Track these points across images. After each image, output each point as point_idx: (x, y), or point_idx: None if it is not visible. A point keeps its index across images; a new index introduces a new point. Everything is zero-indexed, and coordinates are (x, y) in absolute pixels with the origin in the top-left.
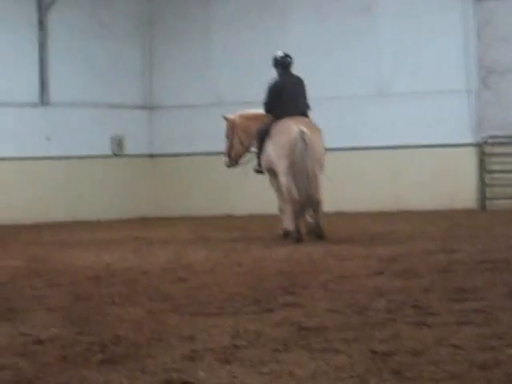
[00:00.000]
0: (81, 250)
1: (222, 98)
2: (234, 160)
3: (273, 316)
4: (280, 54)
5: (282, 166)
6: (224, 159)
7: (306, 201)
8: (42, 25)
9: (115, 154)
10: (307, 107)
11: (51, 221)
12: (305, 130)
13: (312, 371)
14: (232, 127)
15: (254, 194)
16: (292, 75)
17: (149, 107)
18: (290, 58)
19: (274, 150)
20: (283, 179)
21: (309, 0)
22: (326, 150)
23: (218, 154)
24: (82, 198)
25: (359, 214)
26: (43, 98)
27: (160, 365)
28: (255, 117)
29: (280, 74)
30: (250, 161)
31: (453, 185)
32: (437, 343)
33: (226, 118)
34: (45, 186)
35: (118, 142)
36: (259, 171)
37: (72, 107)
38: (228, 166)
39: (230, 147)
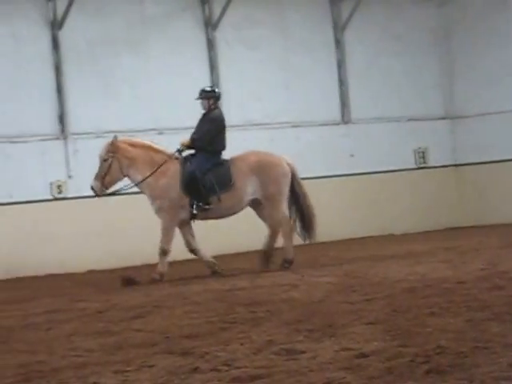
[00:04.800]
0: (393, 263)
1: None
2: (104, 186)
3: None
4: (209, 87)
5: (285, 196)
6: (93, 183)
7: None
8: (339, 44)
9: (419, 167)
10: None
11: (357, 236)
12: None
13: None
14: (113, 151)
15: None
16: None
17: (451, 117)
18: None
19: (274, 182)
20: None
21: None
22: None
23: None
24: (387, 212)
25: None
26: (344, 116)
27: (487, 373)
28: (142, 146)
29: (217, 107)
30: (120, 191)
31: None
32: None
33: (114, 139)
34: (350, 202)
35: (422, 155)
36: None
37: (373, 123)
38: (96, 193)
39: (106, 172)
